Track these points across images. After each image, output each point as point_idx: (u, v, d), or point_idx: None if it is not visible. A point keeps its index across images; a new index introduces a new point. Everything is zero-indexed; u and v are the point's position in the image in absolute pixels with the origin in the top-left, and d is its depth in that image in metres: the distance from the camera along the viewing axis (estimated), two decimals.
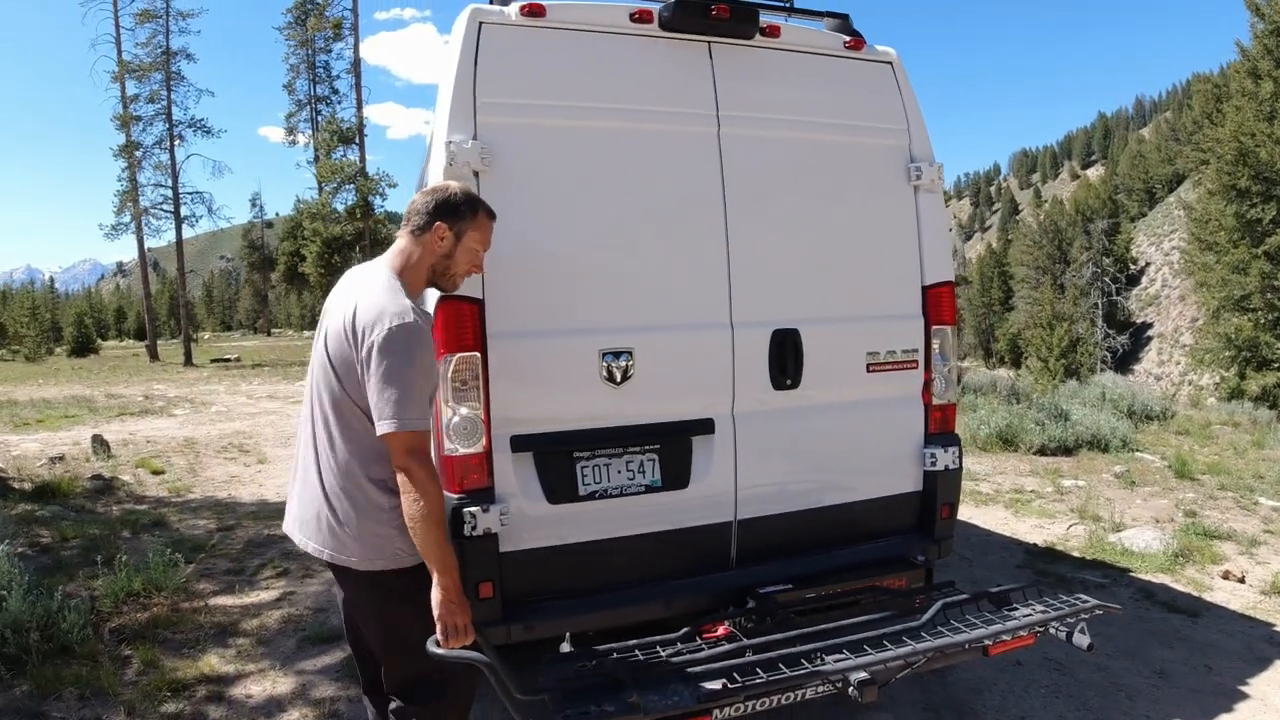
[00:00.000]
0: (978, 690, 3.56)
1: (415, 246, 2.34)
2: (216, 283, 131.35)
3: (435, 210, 2.32)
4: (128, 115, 33.72)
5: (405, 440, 2.12)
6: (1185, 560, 5.20)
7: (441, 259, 2.35)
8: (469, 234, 2.35)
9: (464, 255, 2.37)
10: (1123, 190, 73.95)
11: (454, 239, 2.34)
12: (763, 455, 3.12)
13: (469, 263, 2.40)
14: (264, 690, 3.64)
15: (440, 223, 2.31)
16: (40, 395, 17.52)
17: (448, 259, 2.35)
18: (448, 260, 2.36)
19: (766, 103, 3.14)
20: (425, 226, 2.32)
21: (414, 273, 2.34)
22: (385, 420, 2.11)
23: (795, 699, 2.39)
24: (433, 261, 2.35)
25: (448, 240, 2.33)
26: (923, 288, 3.42)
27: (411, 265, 2.34)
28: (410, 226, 2.35)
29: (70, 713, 3.39)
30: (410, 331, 2.14)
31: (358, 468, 2.27)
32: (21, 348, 42.26)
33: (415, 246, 2.34)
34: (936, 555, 3.43)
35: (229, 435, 11.34)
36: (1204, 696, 3.54)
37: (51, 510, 6.61)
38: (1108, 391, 11.79)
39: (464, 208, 2.34)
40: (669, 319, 2.97)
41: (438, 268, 2.36)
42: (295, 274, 41.38)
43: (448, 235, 2.32)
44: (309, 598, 4.79)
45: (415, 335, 2.15)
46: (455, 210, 2.33)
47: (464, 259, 2.38)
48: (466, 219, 2.34)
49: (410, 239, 2.34)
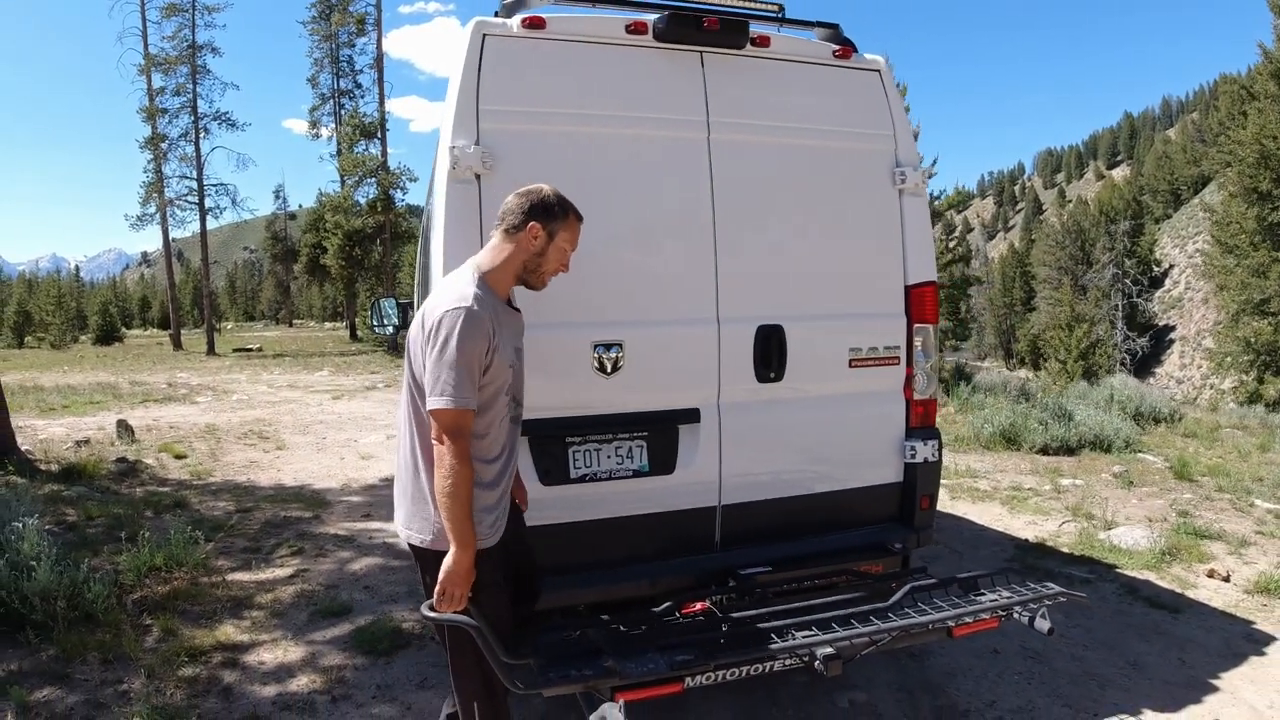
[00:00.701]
0: (952, 675, 3.71)
1: (509, 244, 2.45)
2: (240, 273, 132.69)
3: (530, 211, 2.43)
4: (154, 108, 34.24)
5: (443, 417, 2.26)
6: (1172, 558, 5.30)
7: (534, 257, 2.46)
8: (560, 234, 2.47)
9: (554, 254, 2.49)
10: (1148, 191, 73.17)
11: (546, 238, 2.45)
12: (746, 444, 3.29)
13: (558, 261, 2.52)
14: (275, 658, 3.86)
15: (535, 223, 2.42)
16: (66, 382, 17.94)
17: (539, 257, 2.47)
18: (539, 259, 2.47)
19: (755, 110, 3.30)
20: (519, 226, 2.43)
21: (504, 269, 2.45)
22: (431, 396, 2.27)
23: (764, 670, 2.56)
24: (525, 259, 2.46)
25: (540, 239, 2.44)
26: (906, 287, 3.57)
27: (503, 262, 2.45)
28: (504, 225, 2.46)
29: (93, 675, 3.62)
30: (464, 316, 2.26)
31: (420, 450, 2.41)
32: (47, 335, 43.09)
33: (509, 244, 2.45)
34: (916, 544, 3.59)
35: (249, 422, 11.64)
36: (1175, 688, 3.63)
37: (77, 491, 6.90)
38: (1116, 393, 11.83)
39: (557, 209, 2.46)
40: (658, 314, 3.14)
41: (529, 265, 2.47)
42: (317, 266, 41.95)
43: (541, 235, 2.44)
44: (322, 575, 5.02)
45: (469, 320, 2.26)
46: (549, 211, 2.45)
47: (554, 258, 2.50)
48: (559, 219, 2.46)
49: (504, 237, 2.46)
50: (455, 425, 2.27)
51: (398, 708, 3.41)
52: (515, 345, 2.51)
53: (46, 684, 3.53)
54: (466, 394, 2.27)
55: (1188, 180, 72.35)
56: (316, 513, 6.54)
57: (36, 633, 3.89)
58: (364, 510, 6.65)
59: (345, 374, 21.20)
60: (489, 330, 2.31)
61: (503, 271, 2.45)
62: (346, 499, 7.09)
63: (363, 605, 4.51)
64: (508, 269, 2.45)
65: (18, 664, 3.69)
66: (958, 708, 3.43)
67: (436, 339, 2.27)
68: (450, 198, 2.93)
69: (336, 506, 6.81)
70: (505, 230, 2.45)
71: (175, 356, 30.90)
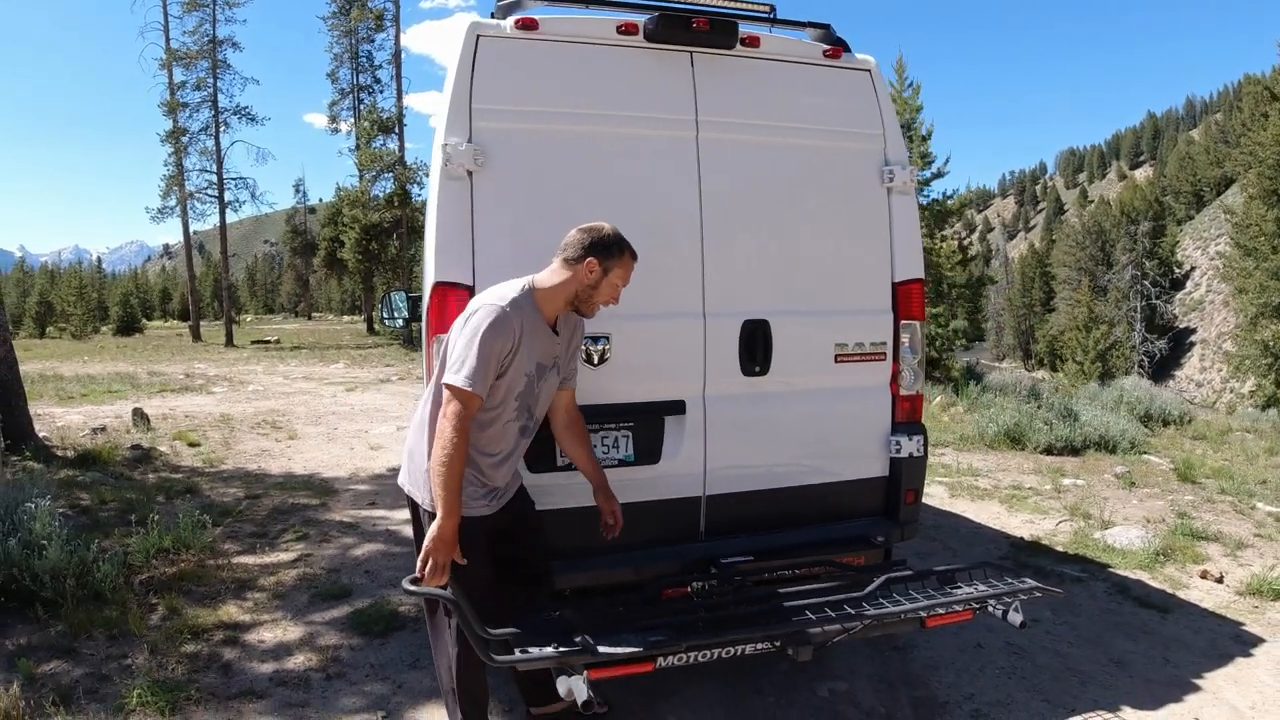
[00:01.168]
0: (935, 667, 3.77)
1: (566, 272, 2.67)
2: (260, 266, 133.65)
3: (590, 247, 2.65)
4: (175, 102, 34.61)
5: (451, 394, 2.48)
6: (1166, 559, 5.32)
7: (586, 288, 2.67)
8: (615, 270, 2.69)
9: (606, 288, 2.70)
10: (1170, 192, 72.44)
11: (601, 273, 2.66)
12: (731, 436, 3.37)
13: (609, 295, 2.73)
14: (275, 637, 3.98)
15: (592, 258, 2.64)
16: (85, 371, 18.26)
17: (592, 289, 2.68)
18: (592, 290, 2.68)
19: (744, 109, 3.38)
20: (578, 259, 2.65)
21: (556, 292, 2.68)
22: (449, 372, 2.50)
23: (737, 653, 2.64)
24: (578, 289, 2.68)
25: (595, 274, 2.65)
26: (893, 284, 3.63)
27: (557, 286, 2.67)
28: (564, 255, 2.68)
29: (99, 650, 3.75)
30: (496, 314, 2.50)
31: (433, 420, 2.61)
32: (68, 325, 43.72)
33: (566, 272, 2.67)
34: (900, 538, 3.65)
35: (263, 412, 11.81)
36: (1156, 686, 3.64)
37: (91, 476, 7.06)
38: (1125, 394, 11.80)
39: (614, 248, 2.68)
40: (645, 308, 3.22)
41: (581, 295, 2.69)
42: (335, 259, 42.26)
43: (596, 269, 2.65)
44: (324, 560, 5.14)
45: (499, 319, 2.50)
46: (607, 249, 2.66)
47: (605, 291, 2.71)
48: (615, 257, 2.68)
49: (562, 265, 2.68)
50: (463, 404, 2.47)
51: (389, 686, 3.52)
52: (540, 361, 2.69)
53: (53, 657, 3.66)
54: (479, 380, 2.47)
55: (1210, 181, 71.55)
56: (323, 500, 6.67)
57: (46, 609, 4.02)
58: (370, 499, 6.78)
59: (360, 366, 21.42)
60: (514, 334, 2.54)
61: (554, 294, 2.68)
62: (354, 487, 7.22)
63: (362, 589, 4.63)
64: (559, 293, 2.68)
65: (26, 638, 3.83)
66: (936, 699, 3.49)
67: (468, 325, 2.52)
68: (443, 194, 3.02)
69: (343, 494, 6.94)
70: (564, 260, 2.68)
71: (194, 348, 31.30)
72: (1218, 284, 46.23)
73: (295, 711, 3.30)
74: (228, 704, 3.34)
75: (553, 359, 2.76)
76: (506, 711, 3.32)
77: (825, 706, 3.40)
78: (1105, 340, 39.35)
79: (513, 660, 2.41)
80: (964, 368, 17.34)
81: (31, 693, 3.27)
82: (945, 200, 18.87)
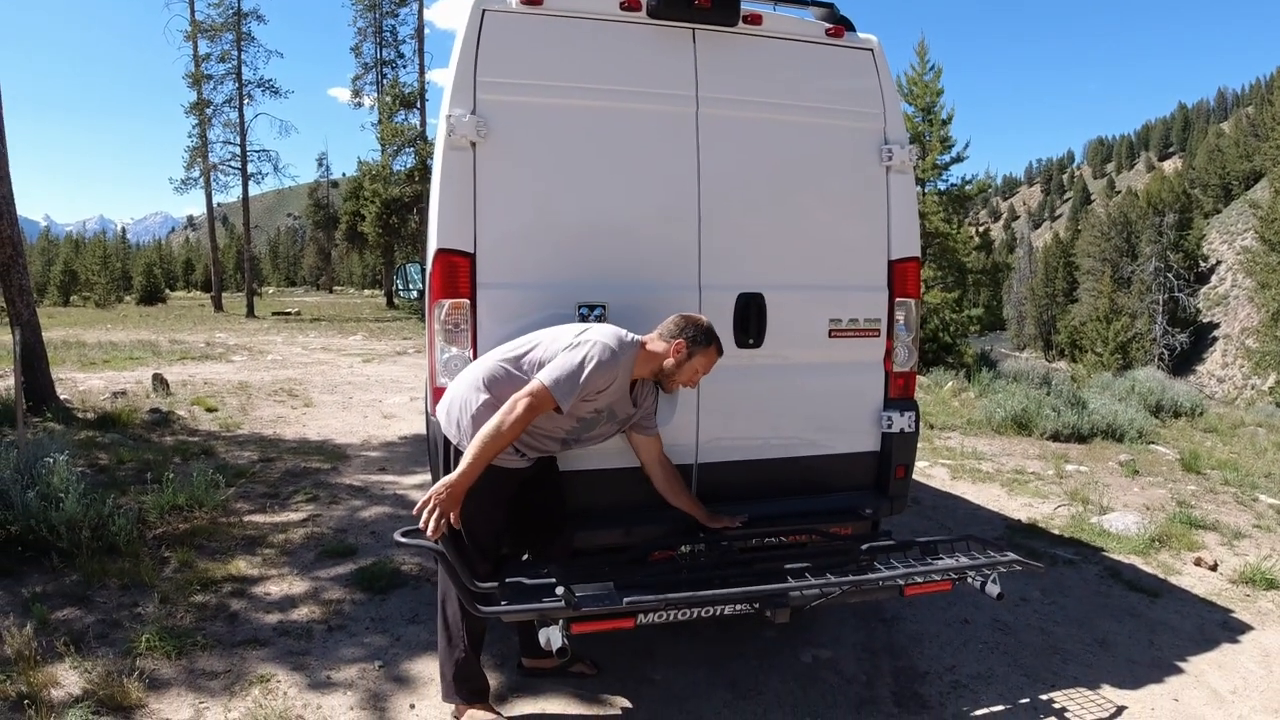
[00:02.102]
0: (919, 639, 3.85)
1: (661, 345, 2.94)
2: (282, 239, 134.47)
3: (681, 332, 2.93)
4: (199, 74, 34.88)
5: (538, 389, 2.69)
6: (1161, 545, 5.35)
7: (671, 365, 2.93)
8: (697, 358, 2.95)
9: (687, 371, 2.95)
10: (1198, 185, 71.27)
11: (686, 357, 2.92)
12: (724, 406, 3.45)
13: (688, 378, 2.98)
14: (281, 590, 4.13)
15: (682, 341, 2.91)
16: (108, 339, 18.59)
17: (676, 368, 2.93)
18: (675, 369, 2.93)
19: (745, 86, 3.43)
20: (671, 337, 2.93)
21: (649, 360, 2.94)
22: (545, 371, 2.72)
23: (715, 613, 2.73)
24: (664, 362, 2.93)
25: (681, 355, 2.92)
26: (889, 262, 3.68)
27: (654, 354, 2.94)
28: (660, 331, 2.96)
29: (111, 599, 3.91)
30: (609, 353, 2.78)
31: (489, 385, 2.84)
32: (92, 294, 44.29)
33: (661, 345, 2.94)
34: (889, 512, 3.72)
35: (281, 381, 12.03)
36: (1139, 667, 3.68)
37: (111, 437, 7.27)
38: (1138, 385, 11.75)
39: (702, 339, 2.94)
40: (641, 278, 3.30)
41: (666, 369, 2.94)
42: (356, 233, 42.50)
43: (683, 352, 2.92)
44: (333, 520, 5.29)
45: (609, 359, 2.77)
46: (696, 339, 2.93)
47: (686, 373, 2.96)
48: (701, 346, 2.94)
49: (658, 339, 2.95)
50: (538, 403, 2.69)
51: (388, 638, 3.66)
52: (611, 407, 2.93)
53: (67, 605, 3.83)
54: (566, 398, 2.71)
55: (1239, 175, 70.31)
56: (335, 465, 6.83)
57: (61, 559, 4.19)
58: (380, 465, 6.93)
59: (378, 339, 21.65)
60: (612, 377, 2.81)
61: (650, 360, 2.94)
62: (365, 454, 7.38)
63: (368, 548, 4.77)
64: (651, 362, 2.94)
65: (42, 585, 3.99)
66: (917, 669, 3.57)
67: (580, 349, 2.76)
68: (446, 164, 3.11)
69: (355, 460, 7.10)
70: (660, 334, 2.96)
71: (216, 318, 31.69)
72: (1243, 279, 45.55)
73: (297, 659, 3.44)
74: (232, 651, 3.48)
75: (617, 411, 2.98)
76: (499, 664, 3.44)
77: (807, 672, 3.50)
78: (1126, 332, 38.97)
79: (497, 611, 2.52)
80: (977, 354, 17.25)
81: (44, 636, 3.42)
82: (964, 185, 18.71)
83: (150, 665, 3.31)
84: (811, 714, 3.17)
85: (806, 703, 3.25)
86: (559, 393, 2.69)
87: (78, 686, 3.11)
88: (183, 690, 3.17)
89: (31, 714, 2.84)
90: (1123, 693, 3.45)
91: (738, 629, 3.79)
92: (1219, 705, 3.39)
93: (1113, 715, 3.27)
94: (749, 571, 2.94)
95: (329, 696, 3.17)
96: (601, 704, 3.20)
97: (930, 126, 18.18)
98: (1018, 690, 3.43)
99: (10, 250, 8.05)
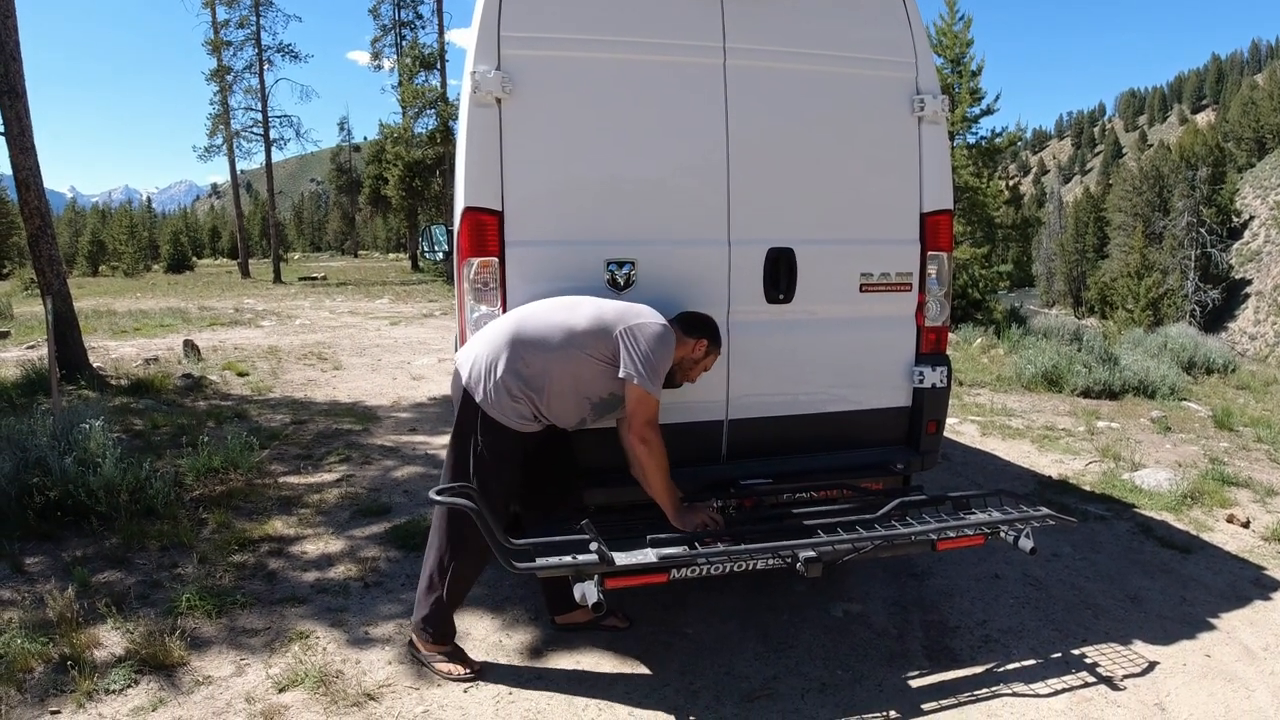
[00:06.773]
0: (950, 595, 3.85)
1: (689, 340, 3.05)
2: (306, 205, 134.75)
3: (703, 330, 3.08)
4: (218, 40, 34.75)
5: (648, 401, 2.89)
6: (1193, 502, 5.29)
7: (688, 359, 3.06)
8: (710, 357, 3.12)
9: (699, 368, 3.12)
10: (1231, 138, 69.29)
11: (703, 354, 3.08)
12: (754, 362, 3.44)
13: (697, 373, 3.13)
14: (318, 549, 4.20)
15: (704, 340, 3.06)
16: (138, 307, 18.83)
17: (693, 363, 3.08)
18: (692, 363, 3.07)
19: (773, 36, 3.35)
20: (691, 334, 3.05)
21: (679, 350, 3.04)
22: (646, 380, 2.86)
23: (748, 568, 2.74)
24: (682, 357, 3.03)
25: (699, 352, 3.06)
26: (921, 215, 3.62)
27: (679, 346, 3.02)
28: (684, 327, 3.05)
29: (151, 560, 3.99)
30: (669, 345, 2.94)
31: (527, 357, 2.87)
32: (120, 264, 44.78)
33: (689, 340, 3.05)
34: (920, 467, 3.70)
35: (310, 345, 12.14)
36: (1170, 623, 3.66)
37: (145, 403, 7.40)
38: (1170, 341, 11.55)
39: (717, 340, 3.13)
40: (670, 234, 3.28)
41: (684, 363, 3.06)
42: (379, 197, 42.51)
43: (702, 349, 3.07)
44: (366, 480, 5.37)
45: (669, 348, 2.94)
46: (714, 339, 3.11)
47: (697, 370, 3.12)
48: (716, 347, 3.13)
49: (682, 332, 3.03)
50: (651, 412, 2.91)
51: None
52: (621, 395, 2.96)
53: (108, 567, 3.91)
54: (659, 390, 2.93)
55: (1274, 129, 68.28)
56: (366, 426, 6.91)
57: (101, 523, 4.28)
58: (410, 425, 7.00)
59: (404, 302, 21.75)
60: None
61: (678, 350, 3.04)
62: (395, 415, 7.46)
63: (401, 507, 4.84)
64: (679, 352, 3.04)
65: (82, 550, 4.08)
66: (948, 623, 3.58)
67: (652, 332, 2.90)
68: (472, 121, 3.08)
69: (385, 421, 7.17)
70: (684, 330, 3.06)
71: (243, 284, 31.95)
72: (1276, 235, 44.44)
73: (334, 616, 3.51)
74: (272, 608, 3.56)
75: None
76: (533, 619, 3.50)
77: (837, 626, 3.52)
78: (1157, 288, 38.27)
79: (533, 568, 2.54)
80: (1007, 311, 17.03)
81: (86, 598, 3.49)
82: (994, 138, 18.30)
83: (191, 624, 3.38)
84: (843, 666, 3.19)
85: (838, 655, 3.27)
86: (657, 391, 2.89)
87: (120, 647, 3.18)
88: (224, 648, 3.24)
89: (75, 675, 2.90)
90: (1154, 648, 3.44)
91: (768, 582, 3.81)
92: (1251, 661, 3.37)
93: (1144, 670, 3.26)
94: (781, 527, 2.94)
95: (367, 651, 3.24)
96: (635, 656, 3.25)
97: (960, 78, 17.73)
98: (1049, 645, 3.42)
99: (39, 221, 8.14)
